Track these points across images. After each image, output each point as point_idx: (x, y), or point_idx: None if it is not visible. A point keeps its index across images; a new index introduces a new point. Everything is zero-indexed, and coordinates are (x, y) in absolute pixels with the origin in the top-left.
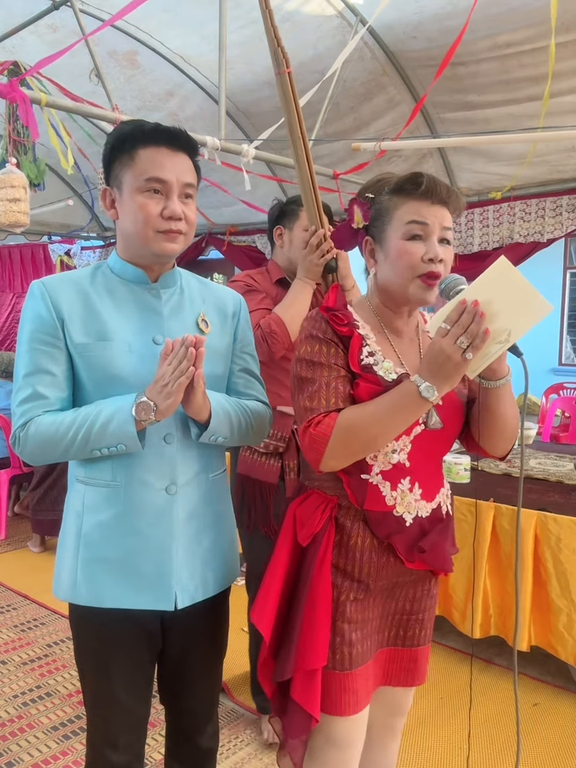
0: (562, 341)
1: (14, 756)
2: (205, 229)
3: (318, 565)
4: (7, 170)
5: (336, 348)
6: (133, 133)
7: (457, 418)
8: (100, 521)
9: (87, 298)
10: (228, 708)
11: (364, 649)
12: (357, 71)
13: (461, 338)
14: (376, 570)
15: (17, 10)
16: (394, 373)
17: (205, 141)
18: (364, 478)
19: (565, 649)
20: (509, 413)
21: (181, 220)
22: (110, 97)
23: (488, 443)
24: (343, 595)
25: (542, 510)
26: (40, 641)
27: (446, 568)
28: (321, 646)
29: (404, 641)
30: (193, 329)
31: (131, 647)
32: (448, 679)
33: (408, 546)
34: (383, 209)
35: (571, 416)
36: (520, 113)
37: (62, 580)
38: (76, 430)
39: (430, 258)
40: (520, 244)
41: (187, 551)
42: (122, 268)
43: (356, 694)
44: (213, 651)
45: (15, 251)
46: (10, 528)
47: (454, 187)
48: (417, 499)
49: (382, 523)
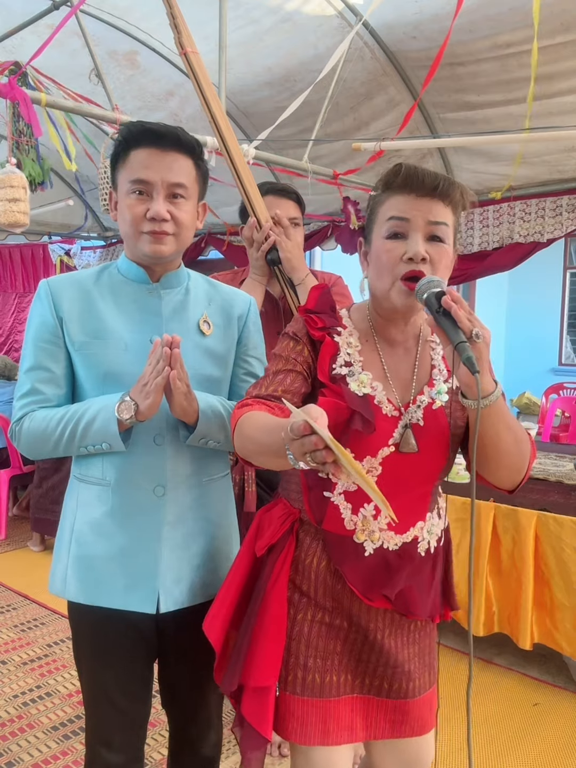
0: (562, 341)
1: (14, 756)
2: (205, 229)
3: (273, 579)
4: (7, 170)
5: (303, 347)
6: (125, 136)
7: (441, 447)
8: (91, 519)
9: (88, 298)
10: (228, 708)
11: (326, 682)
12: (357, 71)
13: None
14: (332, 595)
15: (17, 10)
16: (369, 388)
17: (205, 141)
18: (326, 496)
19: (570, 645)
20: (503, 438)
21: (167, 221)
22: (110, 97)
23: (487, 473)
24: (300, 614)
25: (543, 510)
26: (40, 641)
27: (417, 614)
28: (270, 664)
29: (389, 693)
30: (194, 330)
31: (126, 647)
32: (448, 679)
33: (363, 579)
34: (372, 207)
35: (571, 416)
36: (520, 113)
37: (56, 574)
38: (64, 426)
39: (409, 257)
40: (520, 244)
41: (174, 555)
42: (127, 268)
43: (306, 724)
44: (209, 658)
45: (15, 251)
46: (10, 528)
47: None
48: (382, 528)
49: (338, 547)
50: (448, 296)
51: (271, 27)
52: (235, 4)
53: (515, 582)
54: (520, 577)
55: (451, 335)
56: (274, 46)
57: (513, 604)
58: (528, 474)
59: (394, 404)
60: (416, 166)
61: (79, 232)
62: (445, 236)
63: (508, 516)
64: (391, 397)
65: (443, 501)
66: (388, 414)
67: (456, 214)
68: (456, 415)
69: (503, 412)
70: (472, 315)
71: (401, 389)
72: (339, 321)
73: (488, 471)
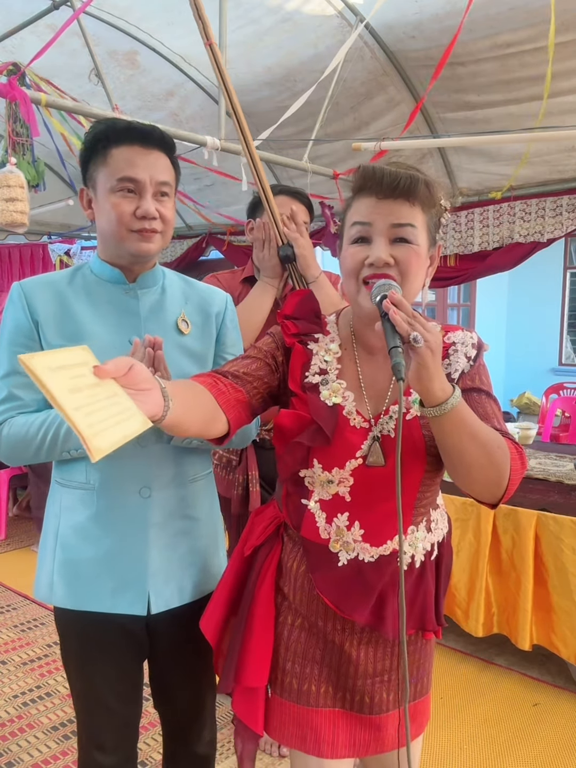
0: (562, 341)
1: (14, 756)
2: (205, 229)
3: (260, 581)
4: (6, 170)
5: (277, 346)
6: (105, 133)
7: (417, 459)
8: (75, 523)
9: (63, 300)
10: (228, 708)
11: (303, 690)
12: (357, 71)
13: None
14: (307, 600)
15: (17, 9)
16: (340, 397)
17: (205, 141)
18: (303, 503)
19: (567, 648)
20: (468, 449)
21: (156, 219)
22: (110, 97)
23: (462, 486)
24: (281, 617)
25: (543, 510)
26: (40, 641)
27: (386, 631)
28: (258, 665)
29: (371, 709)
30: (172, 329)
31: (115, 650)
32: (448, 679)
33: (335, 588)
34: (344, 211)
35: (571, 416)
36: (520, 113)
37: (41, 580)
38: (45, 431)
39: (370, 262)
40: (520, 244)
41: (162, 556)
42: (101, 269)
43: (284, 725)
44: (201, 657)
45: (15, 251)
46: (10, 528)
47: (440, 181)
48: (357, 539)
49: (314, 555)
50: (388, 300)
51: (271, 27)
52: (235, 4)
53: (514, 582)
54: (520, 577)
55: (387, 339)
56: (274, 46)
57: (512, 605)
58: (511, 488)
59: (363, 416)
60: (376, 167)
61: (80, 232)
62: (413, 237)
63: (508, 516)
64: (361, 408)
65: (439, 514)
66: (357, 426)
67: (426, 212)
68: (426, 427)
69: (466, 421)
70: (415, 318)
71: (375, 399)
72: (322, 327)
73: (461, 484)
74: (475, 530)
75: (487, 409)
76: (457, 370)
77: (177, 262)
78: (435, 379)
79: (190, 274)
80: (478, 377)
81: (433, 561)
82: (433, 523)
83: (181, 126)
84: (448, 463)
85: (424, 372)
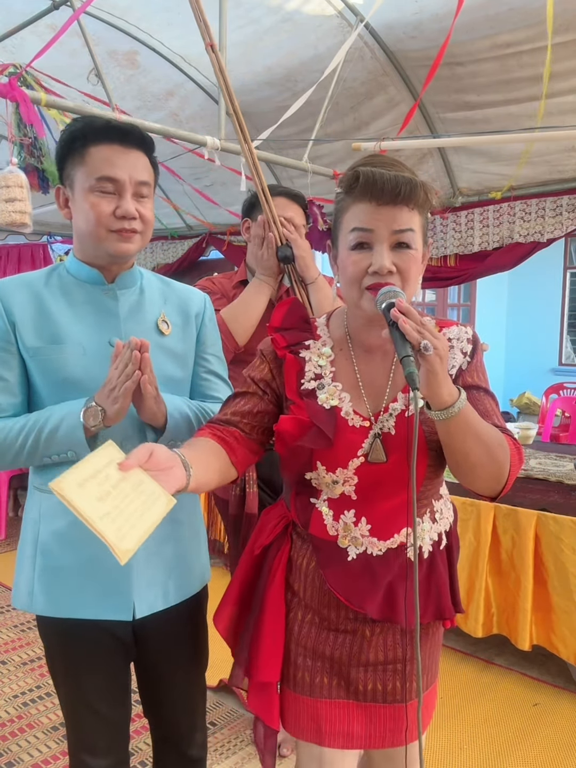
0: (562, 341)
1: (14, 756)
2: (205, 230)
3: (270, 579)
4: (6, 170)
5: (266, 365)
6: (83, 131)
7: (419, 456)
8: (56, 529)
9: (40, 301)
10: (228, 708)
11: (315, 683)
12: (357, 71)
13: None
14: (318, 596)
15: (17, 9)
16: (337, 399)
17: (205, 141)
18: (312, 502)
19: (566, 648)
20: (473, 450)
21: (136, 219)
22: (110, 97)
23: (464, 482)
24: (292, 613)
25: (543, 510)
26: (40, 641)
27: (400, 621)
28: (270, 660)
29: (384, 697)
30: (153, 330)
31: (101, 655)
32: (448, 679)
33: (346, 583)
34: (337, 211)
35: (571, 416)
36: (520, 113)
37: (20, 588)
38: (25, 436)
39: (374, 270)
40: (520, 244)
41: (147, 561)
42: (78, 269)
43: (300, 720)
44: (190, 659)
45: (14, 251)
46: (10, 528)
47: (431, 183)
48: (364, 534)
49: (323, 551)
50: (396, 308)
51: (271, 27)
52: (235, 3)
53: (514, 583)
54: (519, 577)
55: (398, 348)
56: (274, 46)
57: (512, 605)
58: (510, 482)
59: (362, 415)
60: (375, 172)
61: None
62: (412, 241)
63: (508, 516)
64: (359, 408)
65: (443, 504)
66: (356, 425)
67: (422, 214)
68: (430, 421)
69: (470, 423)
70: (423, 326)
71: (374, 397)
72: (312, 332)
73: (464, 481)
74: (475, 530)
75: (487, 406)
76: (454, 366)
77: (178, 263)
78: (443, 385)
79: (190, 274)
80: (476, 374)
81: (443, 550)
82: (437, 513)
83: (181, 126)
84: (452, 462)
85: (433, 378)
